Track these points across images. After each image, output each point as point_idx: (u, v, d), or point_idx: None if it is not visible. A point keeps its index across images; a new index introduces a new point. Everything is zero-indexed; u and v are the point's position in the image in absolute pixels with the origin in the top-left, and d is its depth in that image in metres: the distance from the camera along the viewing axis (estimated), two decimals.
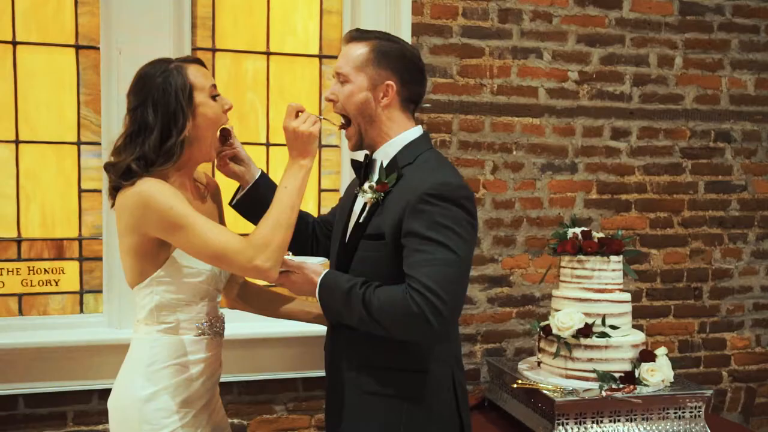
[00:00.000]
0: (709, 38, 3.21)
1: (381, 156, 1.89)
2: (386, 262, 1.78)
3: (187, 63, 1.86)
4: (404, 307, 1.67)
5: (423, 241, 1.70)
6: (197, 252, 1.76)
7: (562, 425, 2.30)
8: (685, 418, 2.40)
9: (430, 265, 1.68)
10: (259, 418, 2.83)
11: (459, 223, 1.72)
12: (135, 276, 1.85)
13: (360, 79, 1.85)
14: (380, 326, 1.73)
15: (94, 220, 2.72)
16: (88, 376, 2.62)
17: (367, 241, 1.83)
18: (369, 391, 1.83)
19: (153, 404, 1.82)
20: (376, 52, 1.84)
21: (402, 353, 1.80)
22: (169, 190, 1.76)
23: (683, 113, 3.20)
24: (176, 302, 1.86)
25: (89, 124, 2.70)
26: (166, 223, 1.74)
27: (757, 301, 3.32)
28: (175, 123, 1.78)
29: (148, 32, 2.60)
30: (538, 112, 3.04)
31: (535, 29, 3.01)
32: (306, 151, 1.82)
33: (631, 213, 3.16)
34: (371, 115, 1.87)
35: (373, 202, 1.84)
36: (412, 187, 1.76)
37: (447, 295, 1.66)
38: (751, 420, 3.32)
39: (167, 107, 1.78)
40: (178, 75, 1.80)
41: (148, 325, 1.87)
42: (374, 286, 1.75)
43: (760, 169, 3.30)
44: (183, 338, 1.87)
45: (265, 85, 2.87)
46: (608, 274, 2.47)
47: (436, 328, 1.67)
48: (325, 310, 1.85)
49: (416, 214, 1.72)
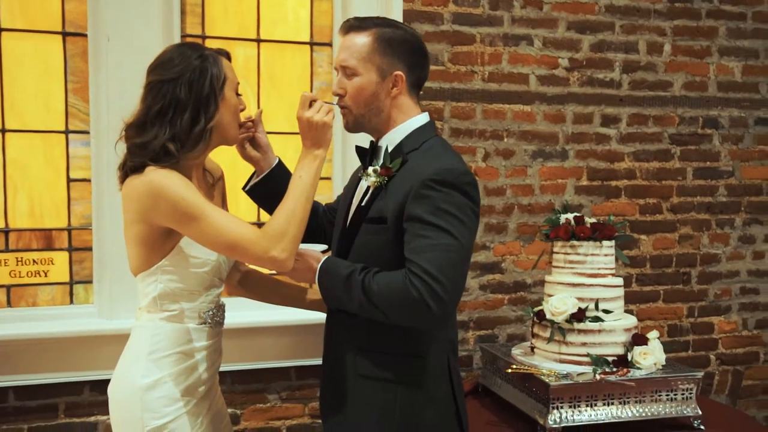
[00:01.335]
0: (697, 25, 3.23)
1: (386, 142, 1.88)
2: (387, 245, 1.78)
3: (221, 55, 1.86)
4: (404, 292, 1.67)
5: (425, 226, 1.69)
6: (211, 242, 1.74)
7: (556, 409, 2.32)
8: (677, 400, 2.43)
9: (431, 250, 1.67)
10: (253, 407, 2.83)
11: (462, 209, 1.72)
12: (140, 264, 1.84)
13: (368, 71, 1.82)
14: (380, 312, 1.72)
15: (84, 210, 2.69)
16: (79, 367, 2.60)
17: (369, 224, 1.82)
18: (365, 374, 1.83)
19: (155, 392, 1.81)
20: (380, 41, 1.82)
21: (399, 338, 1.80)
22: (180, 179, 1.74)
23: (672, 100, 3.22)
24: (180, 291, 1.84)
25: (77, 112, 2.67)
26: (178, 214, 1.72)
27: (743, 285, 3.36)
28: (206, 108, 1.77)
29: (136, 19, 2.57)
30: (529, 99, 3.04)
31: (525, 16, 3.01)
32: (320, 140, 1.81)
33: (621, 199, 3.19)
34: (379, 106, 1.85)
35: (376, 186, 1.83)
36: (416, 173, 1.75)
37: (447, 281, 1.66)
38: (738, 402, 3.37)
39: (201, 90, 1.76)
40: (214, 63, 1.80)
41: (151, 313, 1.86)
42: (374, 272, 1.74)
43: (747, 155, 3.34)
44: (185, 327, 1.87)
45: (256, 72, 2.85)
46: (601, 259, 2.49)
47: (435, 313, 1.66)
48: (325, 296, 1.84)
49: (419, 199, 1.71)
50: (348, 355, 1.86)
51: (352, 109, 1.86)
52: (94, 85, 2.61)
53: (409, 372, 1.82)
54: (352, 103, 1.85)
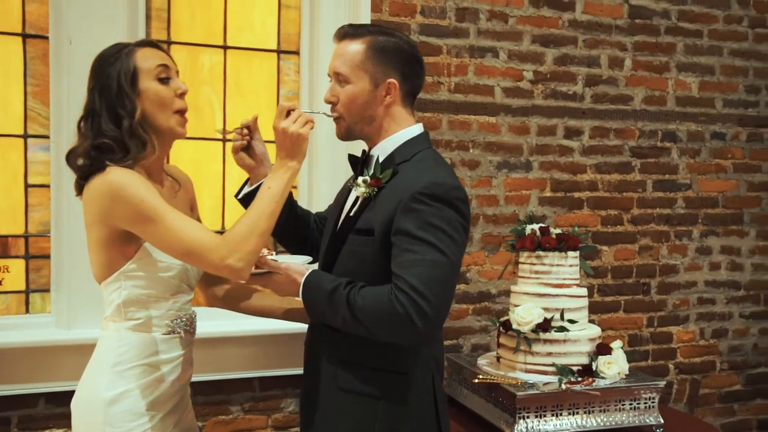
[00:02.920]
0: (657, 41, 3.31)
1: (378, 151, 1.85)
2: (373, 258, 1.75)
3: (139, 46, 1.81)
4: (389, 308, 1.64)
5: (413, 240, 1.66)
6: (168, 247, 1.70)
7: (522, 418, 2.33)
8: (639, 409, 2.46)
9: (418, 265, 1.64)
10: (215, 419, 2.78)
11: (451, 225, 1.69)
12: (102, 270, 1.78)
13: (361, 79, 1.80)
14: (364, 327, 1.69)
15: (42, 217, 2.62)
16: (34, 378, 2.52)
17: (356, 235, 1.79)
18: (345, 388, 1.79)
19: (118, 406, 1.76)
20: (374, 49, 1.80)
21: (383, 353, 1.77)
22: (139, 180, 1.70)
23: (632, 114, 3.29)
24: (146, 298, 1.79)
25: (36, 116, 2.60)
26: (136, 216, 1.67)
27: (701, 295, 3.44)
28: (122, 106, 1.73)
29: (100, 22, 2.51)
30: (495, 110, 3.07)
31: (491, 29, 3.04)
32: (295, 152, 1.75)
33: (583, 210, 3.23)
34: (372, 115, 1.83)
35: (365, 197, 1.80)
36: (406, 185, 1.72)
37: (434, 297, 1.63)
38: (695, 410, 3.44)
39: (110, 91, 1.74)
40: (126, 59, 1.76)
41: (116, 322, 1.81)
42: (359, 287, 1.71)
43: (704, 169, 3.42)
44: (153, 337, 1.81)
45: (222, 79, 2.81)
46: (566, 269, 2.52)
47: (421, 330, 1.63)
48: (309, 310, 1.81)
49: (408, 212, 1.69)
50: (329, 368, 1.82)
51: (345, 117, 1.84)
52: (55, 88, 2.54)
53: (391, 388, 1.79)
54: (345, 111, 1.83)
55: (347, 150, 2.63)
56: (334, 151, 2.74)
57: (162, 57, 1.81)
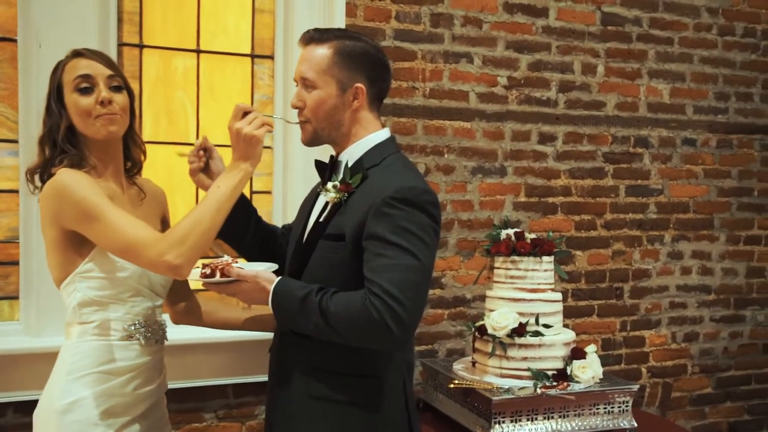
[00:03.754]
0: (629, 48, 3.35)
1: (346, 157, 1.85)
2: (344, 263, 1.74)
3: (67, 58, 1.85)
4: (363, 314, 1.63)
5: (385, 245, 1.66)
6: (109, 244, 1.70)
7: (498, 423, 2.33)
8: (613, 412, 2.48)
9: (392, 270, 1.64)
10: (188, 426, 2.74)
11: (423, 229, 1.69)
12: (59, 272, 1.78)
13: (328, 84, 1.79)
14: (337, 334, 1.68)
15: (10, 222, 2.57)
16: (2, 387, 2.47)
17: (327, 241, 1.78)
18: (317, 395, 1.78)
19: (71, 415, 1.73)
20: (340, 54, 1.80)
21: (355, 359, 1.76)
22: (84, 179, 1.72)
23: (605, 119, 3.32)
24: (100, 299, 1.77)
25: (5, 120, 2.55)
26: (80, 214, 1.68)
27: (672, 299, 3.47)
28: (53, 120, 1.82)
29: (70, 25, 2.48)
30: (469, 116, 3.08)
31: (466, 34, 3.05)
32: (248, 154, 1.75)
33: (557, 215, 3.25)
34: (339, 120, 1.83)
35: (335, 202, 1.79)
36: (377, 190, 1.72)
37: (408, 302, 1.62)
38: (667, 414, 3.47)
39: (47, 104, 1.84)
40: (57, 73, 1.84)
41: (72, 327, 1.79)
42: (331, 293, 1.70)
43: (675, 174, 3.47)
44: (109, 343, 1.79)
45: (195, 83, 2.79)
46: (541, 274, 2.53)
47: (396, 335, 1.63)
48: (278, 318, 1.78)
49: (380, 217, 1.68)
50: (300, 376, 1.80)
51: (312, 122, 1.83)
52: (23, 92, 2.49)
53: (364, 394, 1.78)
54: (312, 116, 1.82)
55: (321, 150, 2.63)
56: (308, 158, 2.71)
57: (85, 66, 1.81)
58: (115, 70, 1.86)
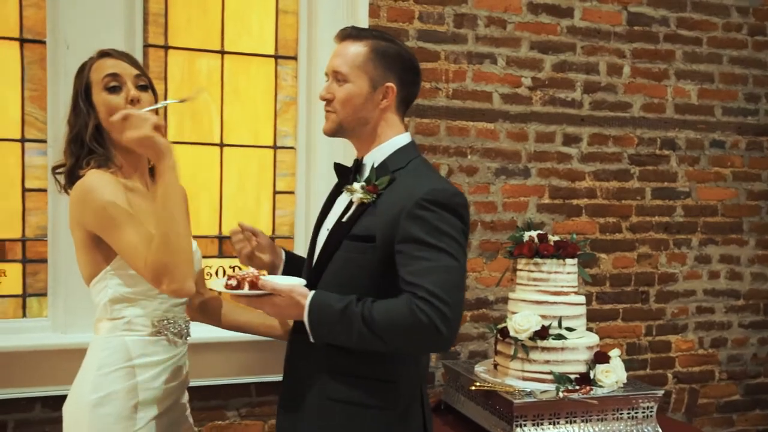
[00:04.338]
0: (655, 49, 3.31)
1: (371, 159, 1.86)
2: (373, 265, 1.74)
3: (94, 59, 1.87)
4: (412, 319, 1.61)
5: (423, 247, 1.66)
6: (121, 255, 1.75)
7: (519, 427, 2.32)
8: (637, 418, 2.45)
9: (434, 272, 1.64)
10: (211, 424, 2.77)
11: (455, 230, 1.70)
12: (89, 270, 1.81)
13: (360, 79, 1.81)
14: (383, 342, 1.66)
15: (39, 221, 2.61)
16: (30, 383, 2.51)
17: (353, 242, 1.77)
18: (335, 398, 1.77)
19: (102, 409, 1.76)
20: (375, 52, 1.81)
21: (372, 362, 1.75)
22: (109, 184, 1.74)
23: (631, 121, 3.28)
24: (129, 296, 1.80)
25: (34, 120, 2.60)
26: (100, 220, 1.72)
27: (699, 304, 3.42)
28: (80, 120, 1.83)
29: (98, 27, 2.51)
30: (493, 117, 3.07)
31: (489, 35, 3.04)
32: (156, 153, 1.71)
33: (581, 218, 3.22)
34: (366, 117, 1.83)
35: (365, 202, 1.78)
36: (408, 192, 1.72)
37: (453, 302, 1.63)
38: (693, 420, 3.42)
39: (73, 104, 1.85)
40: (84, 73, 1.86)
41: (102, 323, 1.82)
42: (370, 301, 1.68)
43: (703, 177, 3.41)
44: (138, 339, 1.82)
45: (219, 84, 2.81)
46: (564, 276, 2.51)
47: (446, 336, 1.62)
48: (314, 331, 1.71)
49: (414, 219, 1.69)
50: (317, 379, 1.80)
51: (338, 113, 1.83)
52: (52, 93, 2.54)
53: (381, 396, 1.78)
54: (340, 108, 1.83)
55: (344, 150, 2.64)
56: (330, 159, 2.72)
57: (112, 66, 1.83)
58: (141, 70, 1.89)
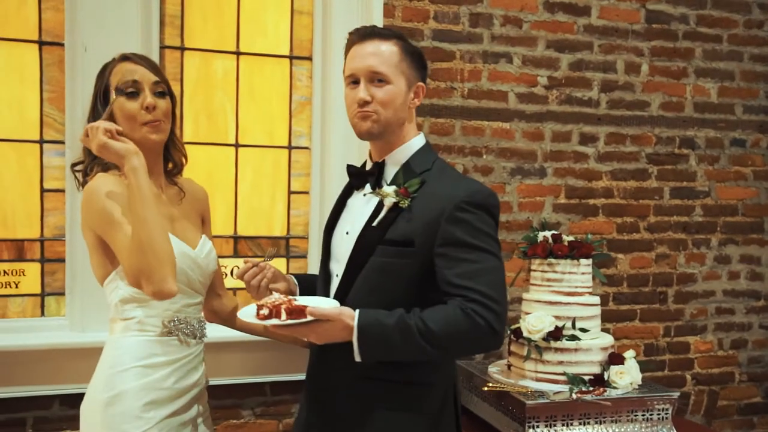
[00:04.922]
0: (674, 47, 3.27)
1: (392, 161, 1.84)
2: (413, 269, 1.73)
3: (115, 62, 1.89)
4: (468, 323, 1.63)
5: (469, 249, 1.68)
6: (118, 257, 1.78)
7: (532, 428, 2.31)
8: (652, 420, 2.43)
9: (483, 274, 1.67)
10: (226, 423, 2.78)
11: (493, 229, 1.74)
12: (101, 271, 1.84)
13: (399, 80, 1.80)
14: (441, 350, 1.67)
15: (57, 221, 2.65)
16: (49, 380, 2.55)
17: (390, 247, 1.75)
18: (369, 402, 1.77)
19: (114, 408, 1.78)
20: (406, 51, 1.82)
21: (407, 366, 1.75)
22: (112, 186, 1.77)
23: (649, 120, 3.25)
24: (140, 296, 1.81)
25: (52, 122, 2.63)
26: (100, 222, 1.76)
27: (719, 305, 3.38)
28: (95, 117, 1.85)
29: (115, 29, 2.54)
30: (508, 116, 3.05)
31: (505, 34, 3.02)
32: (118, 158, 1.74)
33: (598, 218, 3.20)
34: (402, 117, 1.83)
35: (400, 206, 1.76)
36: (444, 195, 1.73)
37: (503, 301, 1.67)
38: (713, 422, 3.38)
39: (92, 106, 1.89)
40: (104, 76, 1.89)
41: (116, 323, 1.85)
42: (418, 312, 1.67)
43: (723, 176, 3.37)
44: (149, 339, 1.84)
45: (235, 84, 2.83)
46: (578, 277, 2.49)
47: (500, 335, 1.66)
48: (364, 350, 1.66)
49: (456, 222, 1.69)
50: (349, 383, 1.78)
51: (380, 114, 1.79)
52: (70, 94, 2.57)
53: (416, 400, 1.78)
54: (382, 109, 1.79)
55: (358, 150, 2.64)
56: (345, 159, 2.73)
57: (131, 71, 1.85)
58: (160, 76, 1.90)
